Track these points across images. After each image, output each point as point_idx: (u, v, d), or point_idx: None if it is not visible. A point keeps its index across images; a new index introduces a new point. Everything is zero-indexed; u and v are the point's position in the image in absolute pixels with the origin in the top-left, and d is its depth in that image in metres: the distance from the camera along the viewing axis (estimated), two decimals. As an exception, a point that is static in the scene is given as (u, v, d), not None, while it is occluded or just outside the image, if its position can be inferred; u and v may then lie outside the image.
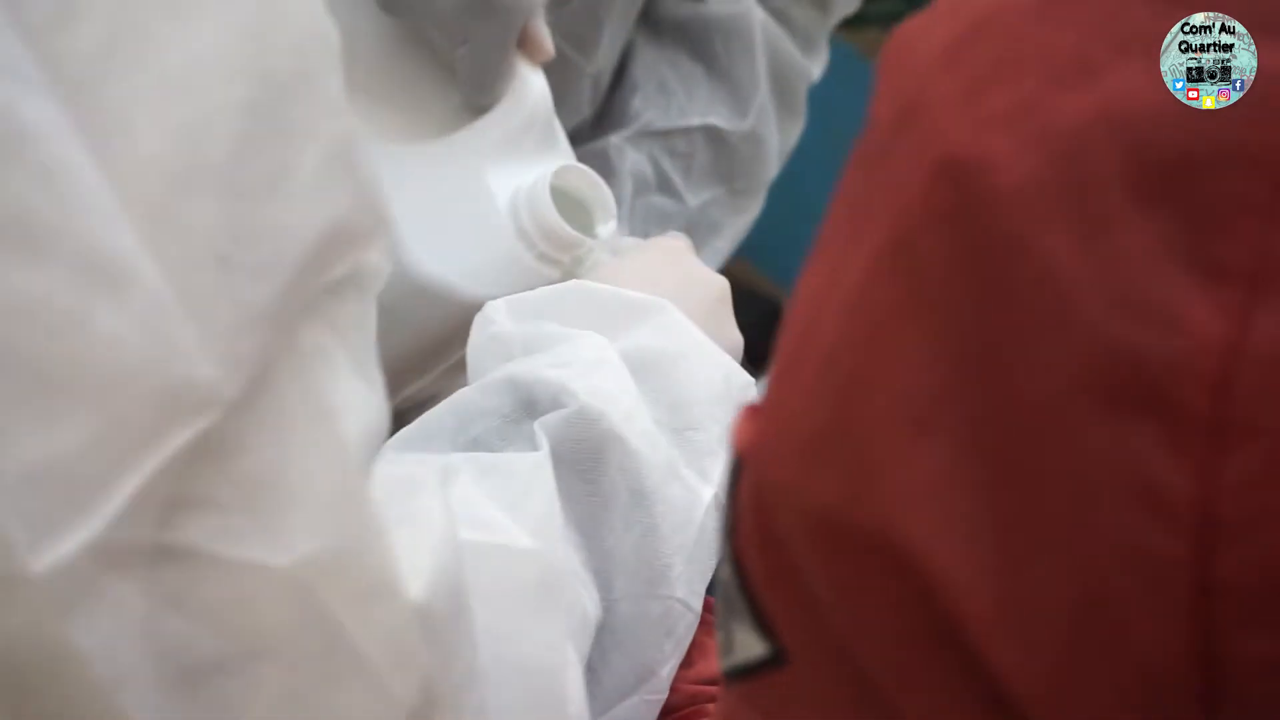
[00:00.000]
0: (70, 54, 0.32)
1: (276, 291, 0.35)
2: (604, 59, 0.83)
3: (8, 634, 0.33)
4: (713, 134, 0.87)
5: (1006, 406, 0.27)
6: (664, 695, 0.55)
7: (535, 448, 0.52)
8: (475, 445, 0.53)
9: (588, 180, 0.70)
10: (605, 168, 0.83)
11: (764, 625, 0.33)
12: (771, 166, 0.90)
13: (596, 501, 0.53)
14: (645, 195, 0.82)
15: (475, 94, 0.71)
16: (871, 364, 0.29)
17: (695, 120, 0.87)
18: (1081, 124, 0.27)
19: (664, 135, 0.87)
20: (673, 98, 0.87)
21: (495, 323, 0.59)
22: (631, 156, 0.86)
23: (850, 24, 0.97)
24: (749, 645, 0.33)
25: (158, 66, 0.34)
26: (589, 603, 0.52)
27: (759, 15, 0.86)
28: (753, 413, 0.34)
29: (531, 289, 0.67)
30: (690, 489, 0.55)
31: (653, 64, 0.88)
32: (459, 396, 0.55)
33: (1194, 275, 0.25)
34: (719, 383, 0.58)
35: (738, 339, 0.63)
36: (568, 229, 0.67)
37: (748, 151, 0.88)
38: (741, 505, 0.33)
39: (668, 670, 0.55)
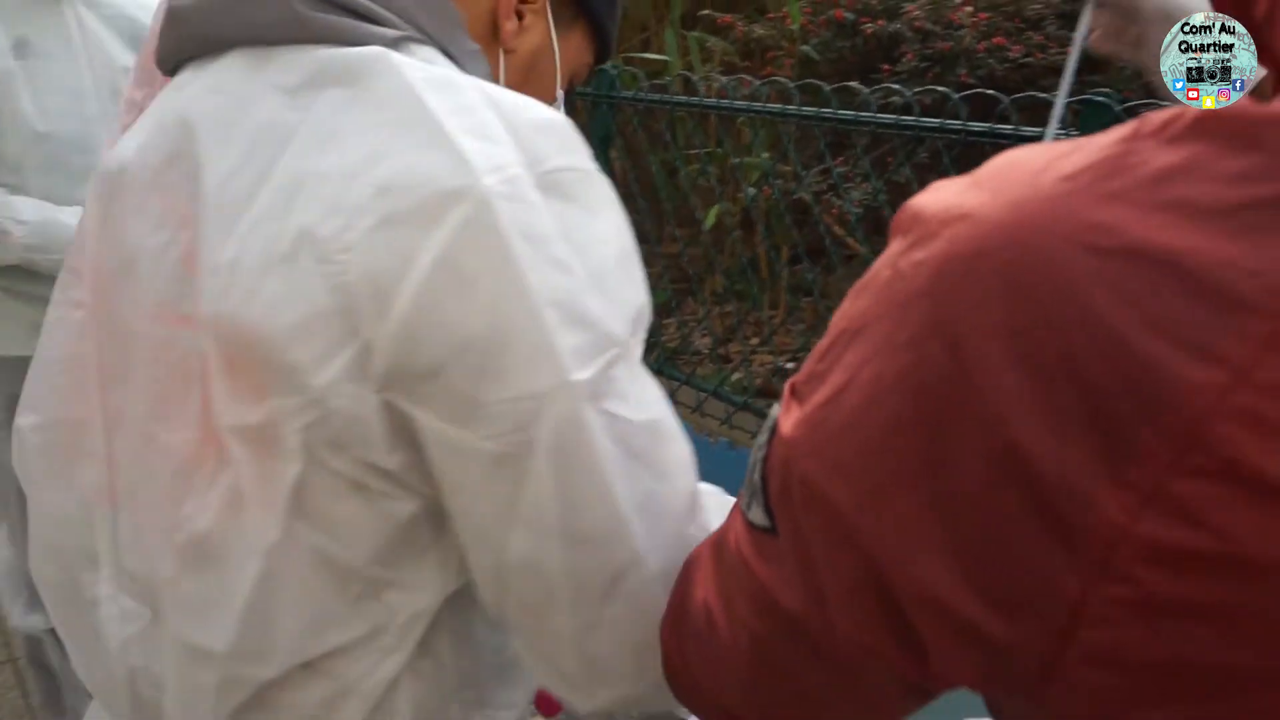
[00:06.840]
0: None
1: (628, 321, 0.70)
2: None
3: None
4: None
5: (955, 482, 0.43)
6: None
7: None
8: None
9: None
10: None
11: (770, 513, 0.52)
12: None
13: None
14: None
15: None
16: (876, 438, 0.45)
17: None
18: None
19: None
20: None
21: None
22: None
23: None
24: (759, 516, 0.54)
25: None
26: None
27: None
28: (793, 404, 0.50)
29: None
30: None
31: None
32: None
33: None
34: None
35: None
36: None
37: None
38: (774, 452, 0.51)
39: None
